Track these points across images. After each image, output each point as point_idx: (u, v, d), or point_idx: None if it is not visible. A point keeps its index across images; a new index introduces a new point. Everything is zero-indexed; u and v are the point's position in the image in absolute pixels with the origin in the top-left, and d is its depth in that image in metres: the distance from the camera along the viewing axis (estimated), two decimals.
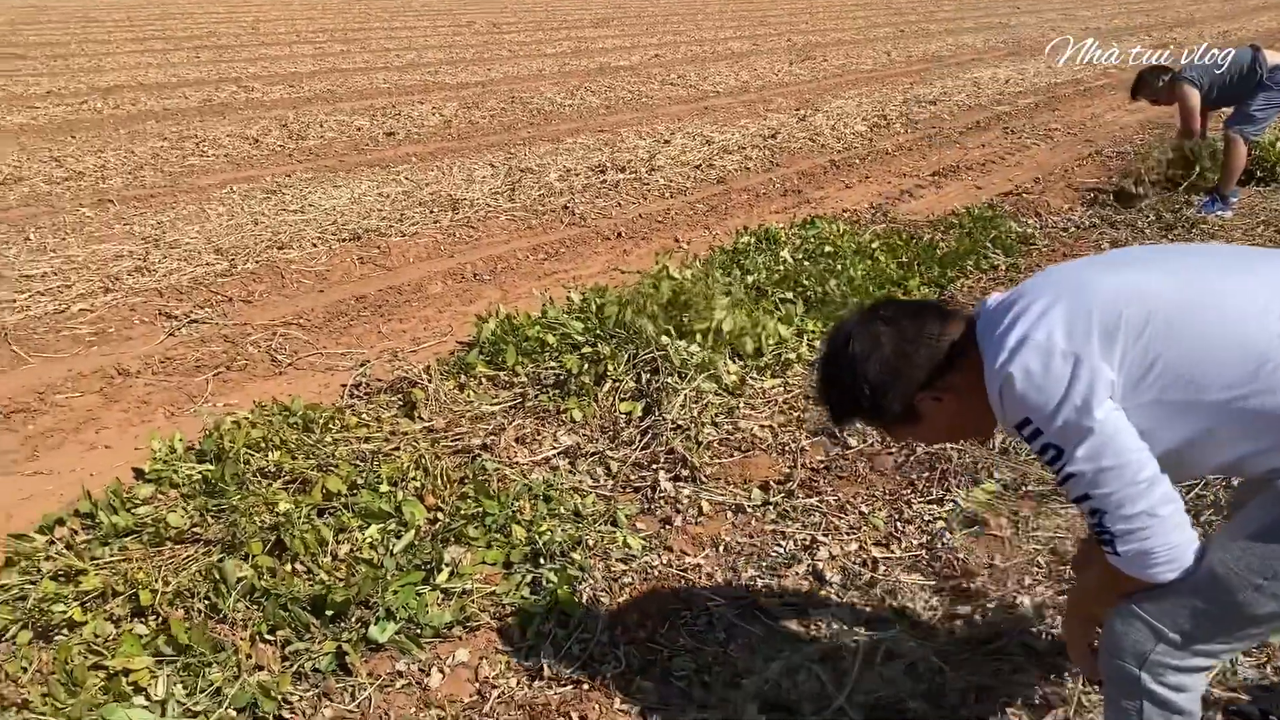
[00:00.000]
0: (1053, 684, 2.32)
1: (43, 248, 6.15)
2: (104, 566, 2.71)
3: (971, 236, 5.96)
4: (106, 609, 2.56)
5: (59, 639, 2.50)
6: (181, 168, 8.78)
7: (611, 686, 2.38)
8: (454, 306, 5.22)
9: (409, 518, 2.96)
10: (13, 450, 3.67)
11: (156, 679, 2.32)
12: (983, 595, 2.68)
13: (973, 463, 3.36)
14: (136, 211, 7.09)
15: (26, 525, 3.10)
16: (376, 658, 2.51)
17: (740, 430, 3.69)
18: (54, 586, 2.56)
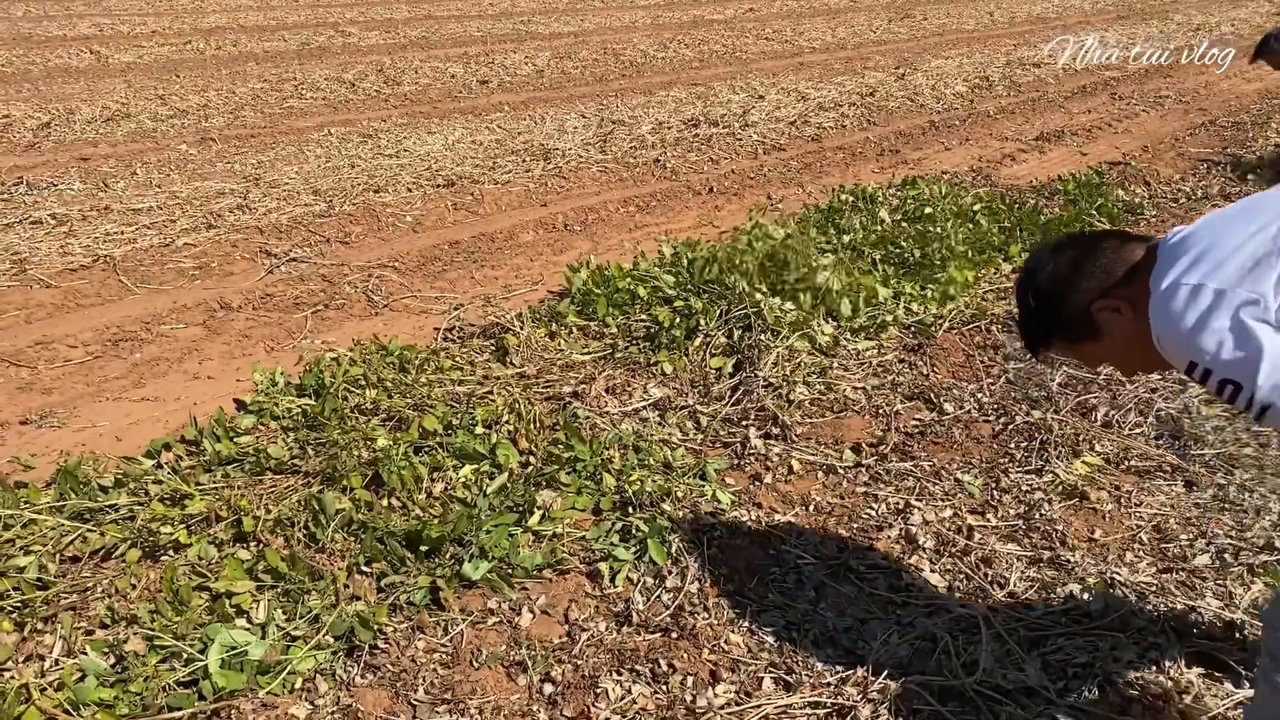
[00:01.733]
0: (1151, 663, 2.25)
1: (148, 183, 6.32)
2: (208, 492, 2.80)
3: (1076, 204, 5.76)
4: (210, 533, 2.64)
5: (164, 560, 2.59)
6: (280, 109, 8.93)
7: (700, 637, 2.38)
8: (545, 255, 5.23)
9: (502, 460, 2.99)
10: (121, 376, 3.79)
11: (258, 603, 2.39)
12: (1081, 569, 2.61)
13: (1074, 434, 3.27)
14: (237, 150, 7.23)
15: (134, 449, 3.22)
16: (469, 594, 2.54)
17: (833, 391, 3.65)
18: (162, 509, 2.65)
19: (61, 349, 3.97)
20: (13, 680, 2.08)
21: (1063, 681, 2.22)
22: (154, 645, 2.22)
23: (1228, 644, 2.31)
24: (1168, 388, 3.56)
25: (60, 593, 2.42)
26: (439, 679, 2.27)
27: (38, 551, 2.49)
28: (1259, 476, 3.03)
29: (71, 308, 4.36)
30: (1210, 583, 2.55)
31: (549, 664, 2.33)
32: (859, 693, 2.19)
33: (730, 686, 2.24)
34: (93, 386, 3.71)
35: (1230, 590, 2.52)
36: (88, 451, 3.16)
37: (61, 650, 2.22)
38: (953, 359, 3.89)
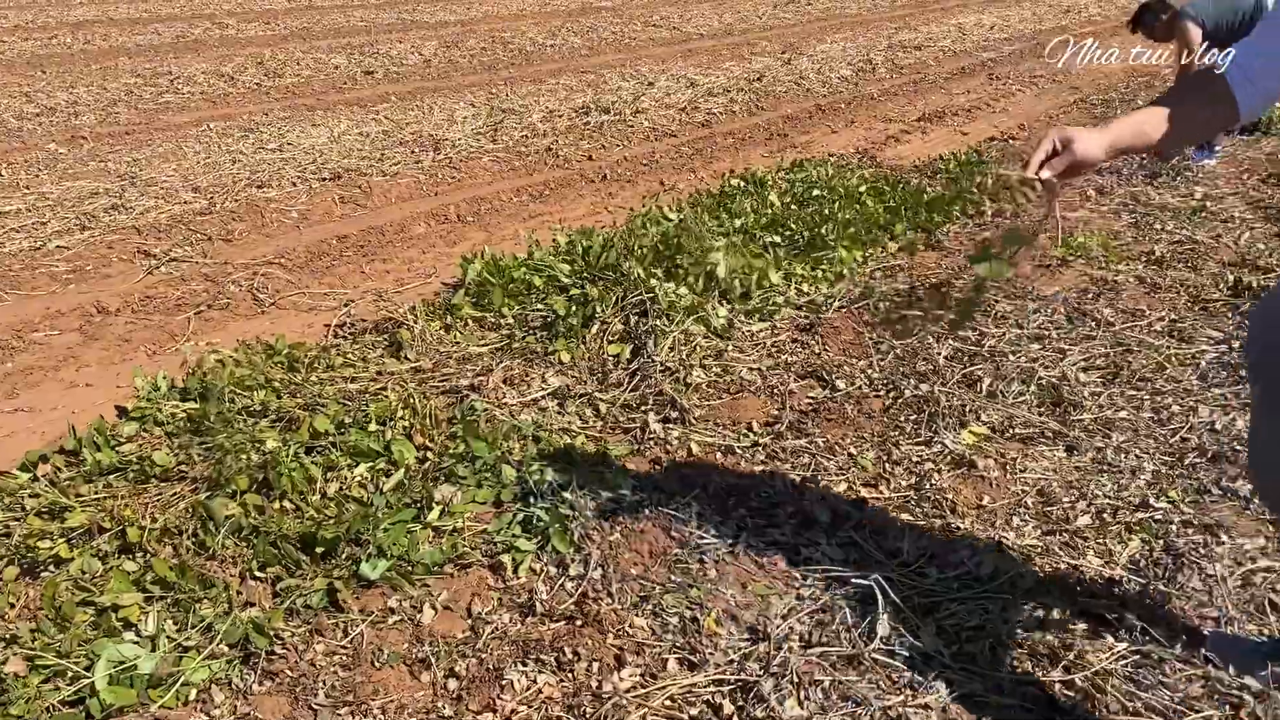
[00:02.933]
0: (1039, 622, 2.35)
1: (15, 184, 6.02)
2: (89, 504, 2.69)
3: (958, 183, 5.94)
4: (93, 546, 2.54)
5: (44, 576, 2.48)
6: (156, 105, 8.60)
7: (604, 623, 2.39)
8: (438, 248, 5.16)
9: (398, 456, 2.94)
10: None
11: (146, 615, 2.31)
12: (971, 536, 2.70)
13: (961, 405, 3.37)
14: (110, 149, 6.94)
15: (8, 463, 3.06)
16: (368, 594, 2.50)
17: (729, 373, 3.69)
18: (40, 523, 2.53)
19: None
20: None
21: (956, 645, 2.30)
22: (35, 665, 2.12)
23: (1109, 600, 2.42)
24: (1048, 357, 3.70)
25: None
26: (340, 681, 2.23)
27: None
28: (1134, 438, 3.17)
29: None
30: (1091, 542, 2.66)
31: (452, 659, 2.30)
32: (761, 667, 2.23)
33: (635, 670, 2.25)
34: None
35: (1110, 548, 2.63)
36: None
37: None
38: (843, 337, 3.97)
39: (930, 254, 5.02)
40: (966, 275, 4.94)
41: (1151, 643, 2.28)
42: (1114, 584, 2.48)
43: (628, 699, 2.16)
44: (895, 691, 2.17)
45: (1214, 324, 4.01)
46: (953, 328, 1.82)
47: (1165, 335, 3.92)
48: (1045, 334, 3.91)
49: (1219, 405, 3.35)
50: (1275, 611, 2.39)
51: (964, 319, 1.92)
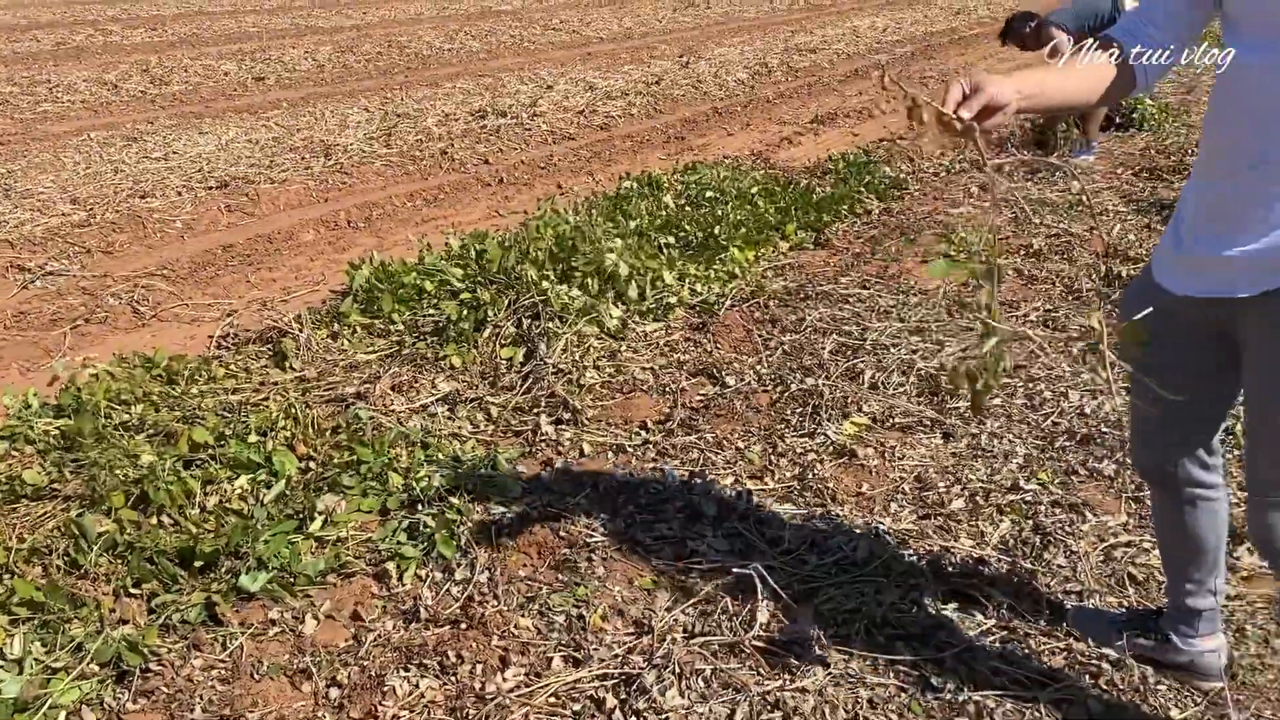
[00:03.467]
0: (912, 603, 2.42)
1: None
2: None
3: (846, 182, 6.08)
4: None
5: None
6: (33, 114, 8.30)
7: (489, 625, 2.39)
8: (327, 255, 5.09)
9: (280, 467, 2.89)
10: None
11: (12, 637, 2.23)
12: (850, 522, 2.77)
13: (843, 397, 3.46)
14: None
15: None
16: (249, 607, 2.46)
17: (622, 373, 3.72)
18: None
19: None
20: None
21: (833, 628, 2.36)
22: None
23: (978, 579, 2.51)
24: (927, 349, 3.82)
25: None
26: (217, 695, 2.18)
27: None
28: (1008, 424, 3.29)
29: None
30: (964, 524, 2.76)
31: (334, 668, 2.28)
32: (644, 660, 2.26)
33: (520, 670, 2.26)
34: None
35: (981, 530, 2.73)
36: None
37: None
38: (734, 335, 4.04)
39: (820, 252, 5.12)
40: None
41: (1017, 618, 2.37)
42: (983, 564, 2.58)
43: (511, 698, 2.16)
44: (774, 677, 2.22)
45: (1085, 312, 4.18)
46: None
47: (1040, 325, 4.07)
48: (926, 326, 4.03)
49: (1088, 390, 3.49)
50: (1134, 584, 2.51)
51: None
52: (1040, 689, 2.16)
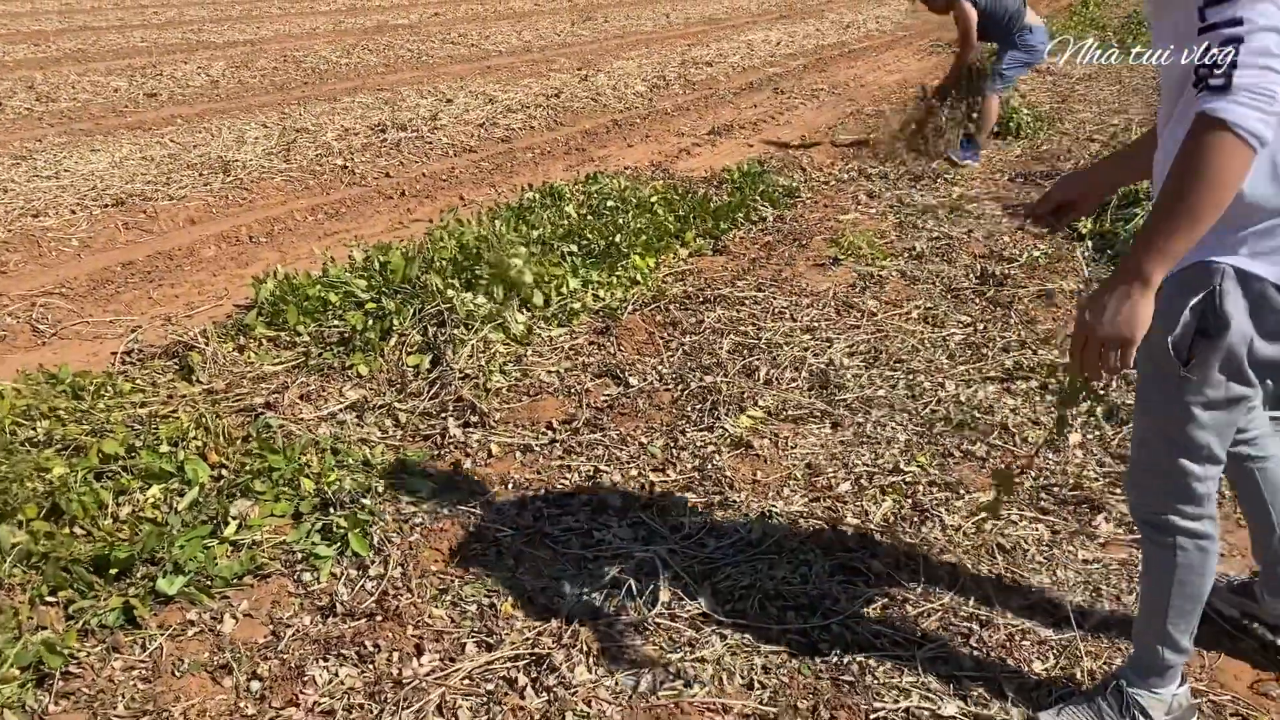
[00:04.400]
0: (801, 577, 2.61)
1: None
2: None
3: (742, 191, 6.30)
4: None
5: None
6: None
7: (404, 617, 2.49)
8: (229, 270, 5.10)
9: (192, 475, 2.95)
10: None
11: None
12: (746, 507, 2.95)
13: (740, 393, 3.65)
14: None
15: None
16: (167, 610, 2.52)
17: (529, 376, 3.85)
18: None
19: None
20: None
21: (730, 603, 2.53)
22: None
23: (861, 553, 2.71)
24: (818, 345, 4.04)
25: None
26: (139, 693, 2.25)
27: None
28: (890, 413, 3.52)
29: None
30: (850, 505, 2.96)
31: (254, 663, 2.36)
32: (554, 641, 2.39)
33: (434, 655, 2.37)
34: None
35: (866, 509, 2.94)
36: None
37: None
38: (637, 337, 4.20)
39: (718, 258, 5.32)
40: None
41: (896, 586, 2.58)
42: (866, 539, 2.78)
43: (427, 681, 2.27)
44: (675, 650, 2.37)
45: (963, 309, 4.46)
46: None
47: (921, 321, 4.33)
48: (816, 326, 4.25)
49: (964, 380, 3.75)
50: (1002, 553, 2.73)
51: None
52: (917, 648, 2.36)
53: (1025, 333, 4.16)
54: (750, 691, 2.26)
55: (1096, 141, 7.94)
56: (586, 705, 2.20)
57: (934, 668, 2.31)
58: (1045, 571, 2.64)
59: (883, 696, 2.22)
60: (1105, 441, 3.31)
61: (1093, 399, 3.26)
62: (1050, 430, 3.26)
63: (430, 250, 4.42)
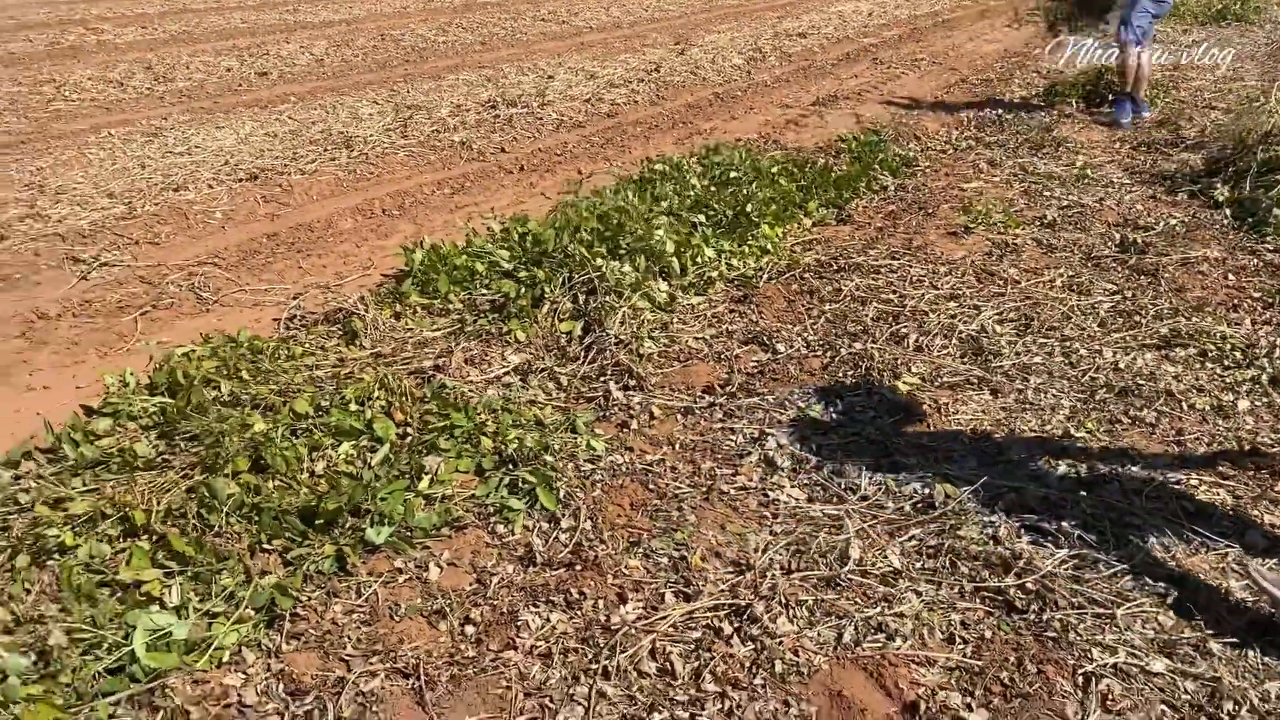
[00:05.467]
0: (990, 537, 2.64)
1: None
2: (86, 494, 2.75)
3: (861, 160, 6.29)
4: (98, 532, 2.61)
5: (49, 564, 2.54)
6: (46, 113, 8.36)
7: (602, 567, 2.59)
8: (370, 241, 5.25)
9: (381, 433, 3.08)
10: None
11: (169, 589, 2.41)
12: (919, 470, 2.99)
13: (892, 359, 3.67)
14: (14, 158, 6.76)
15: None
16: (374, 559, 2.64)
17: (676, 343, 3.92)
18: (48, 511, 2.59)
19: None
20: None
21: (919, 561, 2.57)
22: (74, 638, 2.21)
23: (1046, 514, 2.73)
24: (965, 313, 4.04)
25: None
26: (364, 635, 2.37)
27: None
28: (1049, 380, 3.52)
29: None
30: (1025, 468, 2.98)
31: (466, 608, 2.47)
32: (751, 593, 2.46)
33: (637, 604, 2.46)
34: None
35: (1042, 471, 2.95)
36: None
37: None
38: (776, 305, 4.24)
39: (843, 228, 5.33)
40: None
41: (1086, 547, 2.59)
42: (1048, 502, 2.80)
43: (635, 628, 2.36)
44: (872, 605, 2.43)
45: (1107, 277, 4.41)
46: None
47: (1066, 289, 4.30)
48: (959, 293, 4.25)
49: (1120, 348, 3.73)
50: (1187, 516, 2.73)
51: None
52: (1116, 606, 2.38)
53: (1176, 300, 4.11)
54: (952, 645, 2.31)
55: (1217, 109, 7.74)
56: (794, 654, 2.27)
57: (1135, 626, 2.33)
58: (1234, 536, 2.64)
59: (1089, 653, 2.25)
60: (1275, 408, 3.28)
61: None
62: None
63: (576, 219, 4.50)
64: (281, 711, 2.16)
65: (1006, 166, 6.35)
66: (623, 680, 2.22)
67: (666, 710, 2.13)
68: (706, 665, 2.24)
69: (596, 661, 2.27)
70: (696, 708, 2.14)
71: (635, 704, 2.16)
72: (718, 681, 2.20)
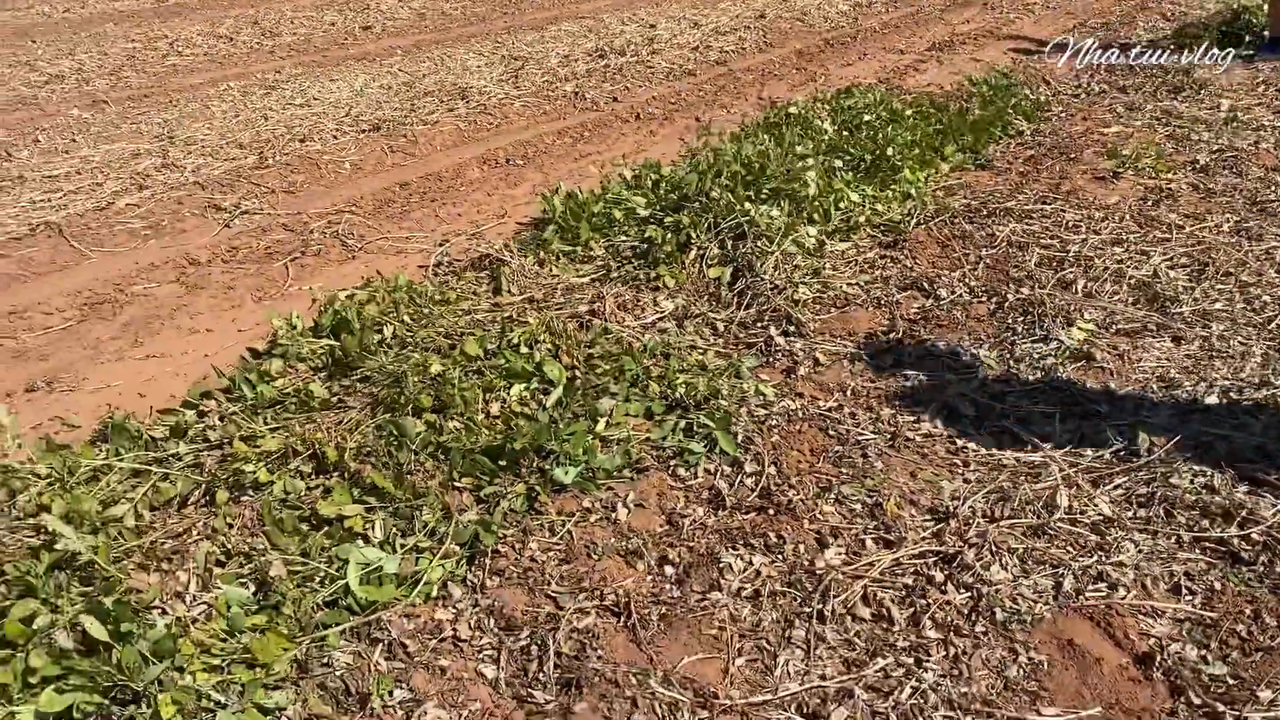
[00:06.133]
0: (1203, 486, 2.52)
1: (53, 149, 5.98)
2: (272, 431, 2.77)
3: (993, 104, 6.07)
4: (290, 469, 2.63)
5: (244, 500, 2.57)
6: (163, 68, 8.50)
7: (796, 511, 2.53)
8: (500, 190, 5.22)
9: (553, 375, 3.05)
10: (114, 337, 3.66)
11: (370, 524, 2.41)
12: (1111, 419, 2.86)
13: (1064, 305, 3.53)
14: (140, 111, 6.89)
15: (161, 403, 3.15)
16: (561, 499, 2.62)
17: (830, 288, 3.82)
18: (245, 448, 2.62)
19: (38, 316, 3.79)
20: (164, 617, 2.07)
21: (1131, 510, 2.47)
22: (290, 571, 2.23)
23: (1262, 464, 2.60)
24: (1132, 258, 3.87)
25: (159, 539, 2.39)
26: (565, 572, 2.35)
27: (129, 500, 2.45)
28: (1234, 327, 3.35)
29: (29, 276, 4.15)
30: (1226, 419, 2.84)
31: (662, 549, 2.44)
32: (958, 540, 2.38)
33: (839, 550, 2.40)
34: (89, 349, 3.57)
35: (1243, 421, 2.81)
36: (112, 410, 3.08)
37: (197, 585, 2.21)
38: (929, 251, 4.11)
39: (982, 173, 5.15)
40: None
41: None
42: (1262, 451, 2.66)
43: (843, 573, 2.30)
44: (1087, 554, 2.33)
45: (1276, 223, 4.19)
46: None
47: (1235, 234, 4.09)
48: (1123, 238, 4.07)
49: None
50: None
51: None
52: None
53: None
54: (1178, 597, 2.21)
55: None
56: (1013, 603, 2.19)
57: None
58: None
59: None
60: None
61: None
62: None
63: (714, 164, 4.41)
64: (496, 646, 2.15)
65: (1146, 110, 6.07)
66: (839, 624, 2.16)
67: (890, 655, 2.07)
68: (924, 612, 2.18)
69: (808, 605, 2.22)
70: (921, 653, 2.08)
71: (854, 649, 2.11)
72: (938, 628, 2.14)
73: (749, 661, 2.09)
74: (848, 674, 2.04)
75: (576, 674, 2.03)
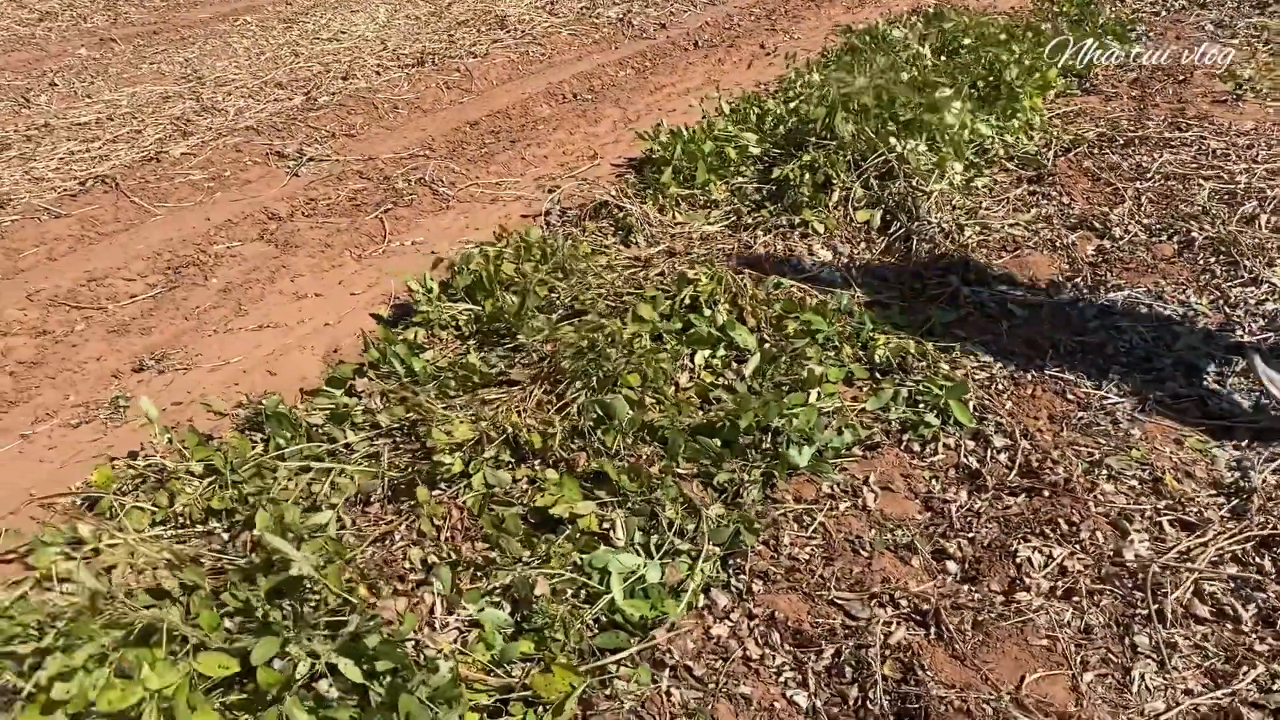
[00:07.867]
0: None
1: (73, 93, 5.47)
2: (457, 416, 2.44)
3: (1081, 25, 5.72)
4: (486, 458, 2.30)
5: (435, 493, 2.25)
6: (163, 2, 7.90)
7: (1076, 490, 2.24)
8: (582, 128, 4.83)
9: (744, 342, 2.73)
10: (216, 305, 3.28)
11: (611, 523, 2.10)
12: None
13: (1259, 244, 3.25)
14: (154, 50, 6.35)
15: (295, 381, 2.83)
16: (794, 483, 2.32)
17: (992, 230, 3.51)
18: (442, 436, 2.28)
19: (119, 283, 3.40)
20: (426, 650, 1.75)
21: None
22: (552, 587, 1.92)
23: None
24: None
25: (364, 548, 2.07)
26: (837, 573, 2.06)
27: (330, 505, 2.12)
28: None
29: (94, 238, 3.73)
30: None
31: (935, 541, 2.15)
32: (1267, 518, 2.12)
33: (1140, 536, 2.13)
34: (190, 320, 3.19)
35: None
36: (242, 391, 2.74)
37: (443, 608, 1.90)
38: (1081, 185, 3.81)
39: (1091, 98, 4.83)
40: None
41: None
42: None
43: (1162, 565, 2.03)
44: None
45: None
46: None
47: None
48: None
49: None
50: None
51: None
52: None
53: None
54: None
55: None
56: None
57: None
58: None
59: None
60: None
61: None
62: None
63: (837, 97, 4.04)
64: (796, 666, 1.86)
65: (1238, 27, 5.75)
66: (1184, 628, 1.90)
67: (1260, 664, 1.81)
68: (1273, 608, 1.92)
69: (1133, 604, 1.95)
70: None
71: (1208, 656, 1.84)
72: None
73: (1098, 677, 1.81)
74: (1216, 687, 1.78)
75: (918, 703, 1.75)
